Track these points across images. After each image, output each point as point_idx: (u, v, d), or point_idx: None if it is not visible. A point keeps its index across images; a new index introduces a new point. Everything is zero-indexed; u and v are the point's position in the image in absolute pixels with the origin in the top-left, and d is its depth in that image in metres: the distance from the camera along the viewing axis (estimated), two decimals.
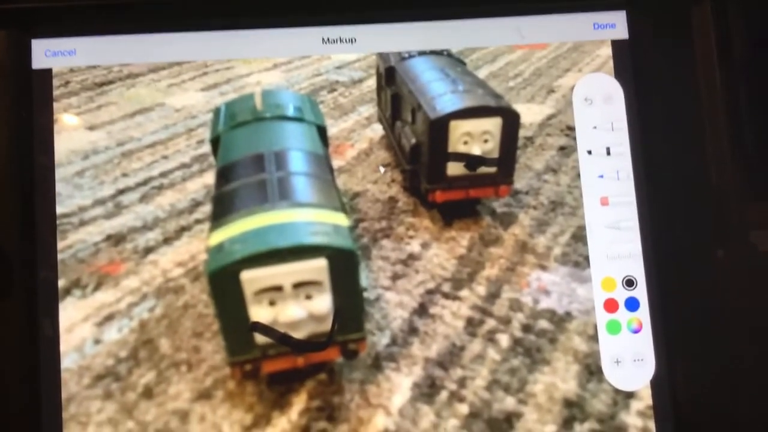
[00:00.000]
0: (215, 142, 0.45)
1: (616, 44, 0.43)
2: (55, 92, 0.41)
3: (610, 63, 0.43)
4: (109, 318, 0.40)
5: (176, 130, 0.46)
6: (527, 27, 0.43)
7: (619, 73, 0.43)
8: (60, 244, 0.40)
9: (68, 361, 0.39)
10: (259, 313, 0.37)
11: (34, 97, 0.41)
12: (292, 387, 0.40)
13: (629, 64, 0.43)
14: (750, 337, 0.40)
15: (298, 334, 0.37)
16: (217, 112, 0.45)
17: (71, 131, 0.42)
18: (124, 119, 0.44)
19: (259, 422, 0.38)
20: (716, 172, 0.41)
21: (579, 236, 0.42)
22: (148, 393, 0.38)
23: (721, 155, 0.41)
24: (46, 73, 0.41)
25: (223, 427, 0.38)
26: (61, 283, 0.39)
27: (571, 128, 0.43)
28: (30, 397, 0.38)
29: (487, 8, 0.43)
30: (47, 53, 0.41)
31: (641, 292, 0.41)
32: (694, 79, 0.41)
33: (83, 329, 0.39)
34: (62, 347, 0.39)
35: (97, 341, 0.39)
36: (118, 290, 0.41)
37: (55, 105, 0.41)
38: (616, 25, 0.43)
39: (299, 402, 0.39)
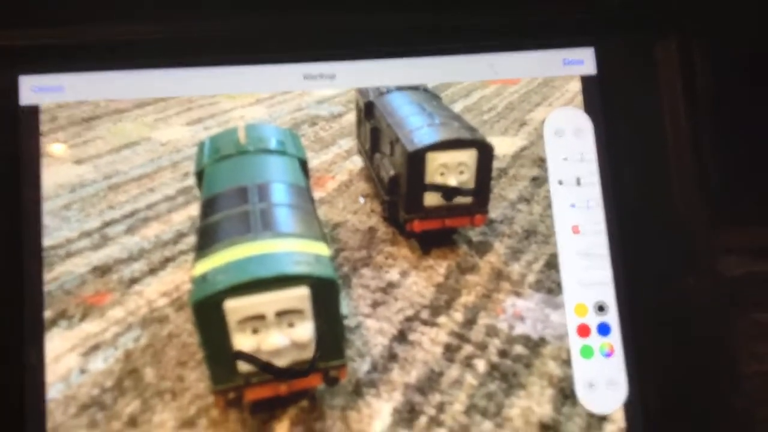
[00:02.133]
0: (200, 175, 0.45)
1: (585, 79, 0.44)
2: (43, 127, 0.41)
3: (580, 97, 0.44)
4: (95, 348, 0.40)
5: (162, 164, 0.46)
6: (499, 63, 0.44)
7: (588, 107, 0.44)
8: (47, 276, 0.40)
9: (54, 391, 0.38)
10: (243, 341, 0.36)
11: (22, 132, 0.41)
12: (274, 414, 0.40)
13: (597, 98, 0.44)
14: (720, 362, 0.41)
15: (281, 362, 0.37)
16: (201, 145, 0.46)
17: (59, 165, 0.42)
18: (111, 153, 0.44)
19: None
20: (682, 201, 0.42)
21: (552, 263, 0.42)
22: (132, 422, 0.38)
23: (687, 185, 0.42)
24: (34, 109, 0.41)
25: None
26: (48, 313, 0.39)
27: (543, 159, 0.43)
28: (15, 427, 0.37)
29: (461, 45, 0.43)
30: (35, 89, 0.41)
31: (612, 318, 0.41)
32: (660, 112, 0.43)
33: (69, 359, 0.40)
34: (48, 377, 0.38)
35: (82, 371, 0.39)
36: (104, 320, 0.41)
37: (43, 140, 0.41)
38: (585, 61, 0.44)
39: (282, 429, 0.39)
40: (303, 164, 0.46)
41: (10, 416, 0.38)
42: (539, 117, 0.44)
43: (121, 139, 0.44)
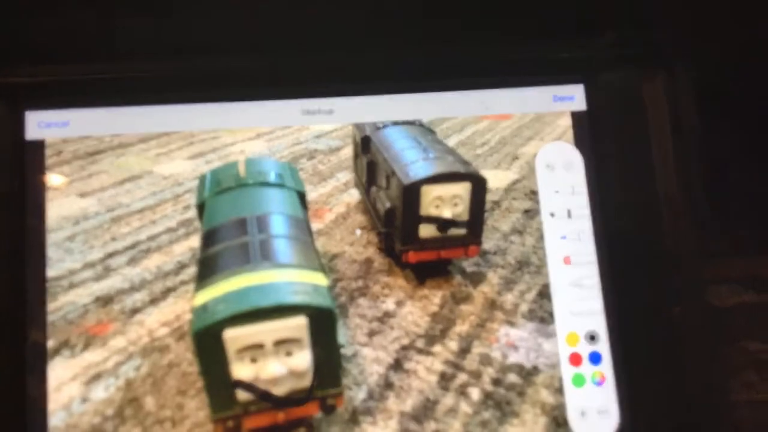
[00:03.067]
0: (201, 207, 0.45)
1: (575, 115, 0.44)
2: (48, 161, 0.41)
3: (570, 132, 0.44)
4: (97, 377, 0.40)
5: (164, 197, 0.47)
6: (491, 99, 0.44)
7: (579, 142, 0.44)
8: (50, 306, 0.40)
9: (56, 419, 0.38)
10: (241, 370, 0.36)
11: (27, 166, 0.41)
12: None
13: (587, 133, 0.44)
14: (708, 390, 0.41)
15: (279, 390, 0.37)
16: (203, 179, 0.46)
17: (63, 198, 0.42)
18: (114, 186, 0.45)
19: None
20: (671, 233, 0.42)
21: (544, 294, 0.43)
22: None
23: (676, 217, 0.42)
24: (39, 144, 0.41)
25: None
26: (50, 343, 0.40)
27: (535, 192, 0.44)
28: None
29: (455, 82, 0.44)
30: (40, 125, 0.42)
31: (604, 347, 0.42)
32: (648, 146, 0.43)
33: (71, 388, 0.40)
34: (51, 406, 0.39)
35: (84, 400, 0.40)
36: (106, 350, 0.41)
37: (48, 173, 0.41)
38: (575, 97, 0.45)
39: None
40: (301, 197, 0.46)
41: None
42: (531, 151, 0.44)
43: (124, 173, 0.45)
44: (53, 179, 0.42)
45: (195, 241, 0.45)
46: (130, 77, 0.42)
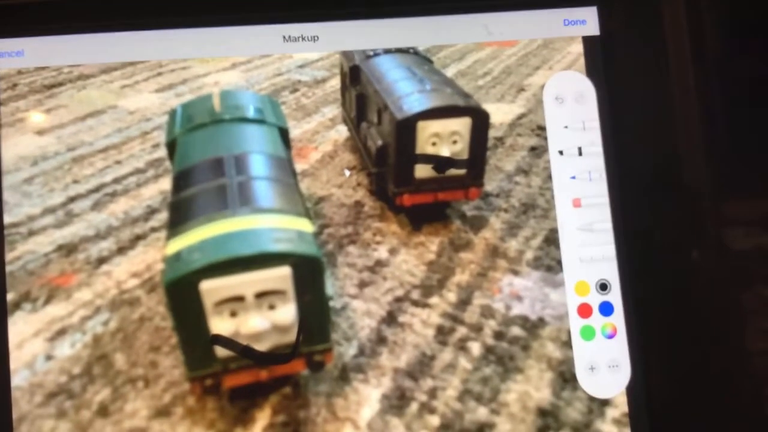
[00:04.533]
0: (171, 145, 0.44)
1: (588, 41, 0.43)
2: (2, 95, 0.40)
3: (582, 60, 0.43)
4: (61, 332, 0.39)
5: (130, 134, 0.45)
6: (495, 23, 0.42)
7: (591, 71, 0.42)
8: (8, 256, 0.39)
9: (19, 378, 0.37)
10: (220, 325, 0.36)
11: None
12: (255, 402, 0.39)
13: (601, 61, 0.43)
14: (727, 341, 0.40)
15: (261, 346, 0.36)
16: (173, 114, 0.45)
17: (19, 136, 0.41)
18: (75, 123, 0.43)
19: None
20: (689, 172, 0.41)
21: (551, 239, 0.42)
22: (103, 411, 0.37)
23: (695, 155, 0.41)
24: None
25: None
26: (10, 296, 0.38)
27: (542, 128, 0.42)
28: None
29: (454, 4, 0.42)
30: None
31: (615, 296, 0.40)
32: (667, 76, 0.41)
33: (34, 345, 0.38)
34: (12, 364, 0.37)
35: (48, 357, 0.38)
36: (70, 303, 0.40)
37: (2, 109, 0.40)
38: (587, 21, 0.43)
39: (263, 417, 0.38)
40: (284, 134, 0.45)
41: None
42: (538, 82, 0.43)
43: (86, 108, 0.43)
44: (8, 115, 0.41)
45: (166, 184, 0.44)
46: (92, 1, 0.40)
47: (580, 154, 0.42)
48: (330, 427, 0.38)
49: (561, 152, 0.42)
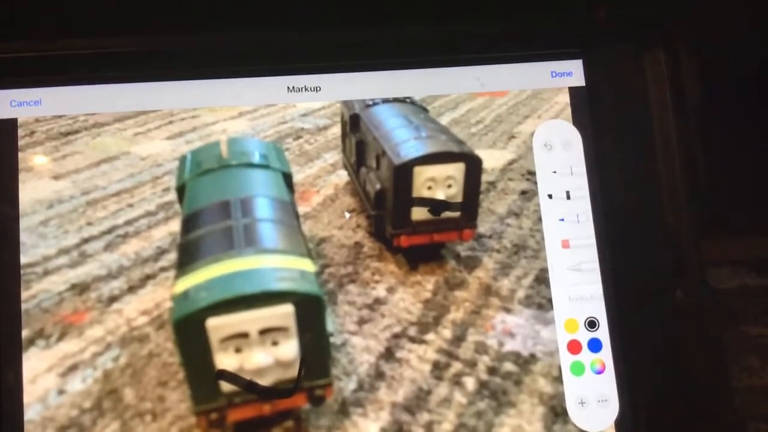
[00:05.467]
0: (181, 189, 0.45)
1: (574, 91, 0.44)
2: (20, 142, 0.41)
3: (568, 110, 0.44)
4: (73, 368, 0.39)
5: (142, 179, 0.45)
6: (487, 76, 0.44)
7: (577, 119, 0.44)
8: (24, 294, 0.39)
9: (32, 412, 0.38)
10: (225, 360, 0.36)
11: None
12: None
13: (586, 110, 0.44)
14: (711, 378, 0.41)
15: (265, 381, 0.37)
16: (183, 159, 0.45)
17: (36, 181, 0.41)
18: (90, 168, 0.44)
19: None
20: (672, 213, 0.42)
21: (542, 278, 0.42)
22: None
23: (677, 196, 0.42)
24: (11, 123, 0.41)
25: None
26: (25, 333, 0.39)
27: (532, 173, 0.43)
28: None
29: (448, 58, 0.43)
30: (12, 103, 0.41)
31: (603, 333, 0.41)
32: (649, 122, 0.42)
33: (47, 380, 0.39)
34: (26, 398, 0.38)
35: (60, 392, 0.39)
36: (82, 340, 0.40)
37: (20, 155, 0.41)
38: (573, 72, 0.44)
39: None
40: (287, 178, 0.45)
41: None
42: (528, 129, 0.44)
43: (100, 154, 0.44)
44: (26, 160, 0.41)
45: (175, 226, 0.44)
46: (106, 53, 0.42)
47: (568, 197, 0.42)
48: None
49: (550, 196, 0.43)
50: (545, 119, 0.44)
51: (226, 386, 0.37)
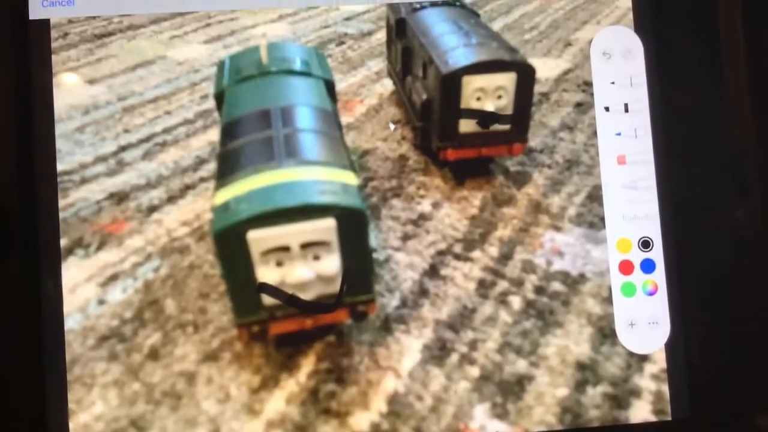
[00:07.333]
0: (219, 97, 0.44)
1: None
2: (53, 44, 0.39)
3: (630, 15, 0.41)
4: (113, 278, 0.40)
5: (179, 84, 0.45)
6: None
7: (639, 27, 0.41)
8: (61, 203, 0.39)
9: (72, 321, 0.38)
10: (266, 273, 0.36)
11: (31, 49, 0.39)
12: (300, 349, 0.39)
13: (650, 17, 0.41)
14: (766, 300, 0.40)
15: (306, 296, 0.37)
16: (221, 65, 0.44)
17: (71, 85, 0.41)
18: (125, 73, 0.43)
19: (267, 384, 0.38)
20: (737, 130, 0.40)
21: (594, 196, 0.41)
22: (154, 354, 0.38)
23: (743, 112, 0.40)
24: (44, 24, 0.39)
25: (230, 389, 0.37)
26: (64, 242, 0.39)
27: (589, 84, 0.41)
28: (33, 358, 0.37)
29: None
30: (44, 3, 0.39)
31: (657, 254, 0.40)
32: (717, 34, 0.40)
33: (87, 289, 0.39)
34: (65, 308, 0.38)
35: (101, 302, 0.39)
36: (122, 250, 0.40)
37: (54, 58, 0.39)
38: None
39: (307, 364, 0.38)
40: (330, 87, 0.44)
41: (28, 348, 0.37)
42: (586, 37, 0.42)
43: (136, 58, 0.43)
44: (60, 64, 0.40)
45: (214, 135, 0.44)
46: None
47: (627, 110, 0.41)
48: (372, 375, 0.38)
49: (607, 108, 0.41)
50: (605, 25, 0.42)
51: (267, 300, 0.37)
